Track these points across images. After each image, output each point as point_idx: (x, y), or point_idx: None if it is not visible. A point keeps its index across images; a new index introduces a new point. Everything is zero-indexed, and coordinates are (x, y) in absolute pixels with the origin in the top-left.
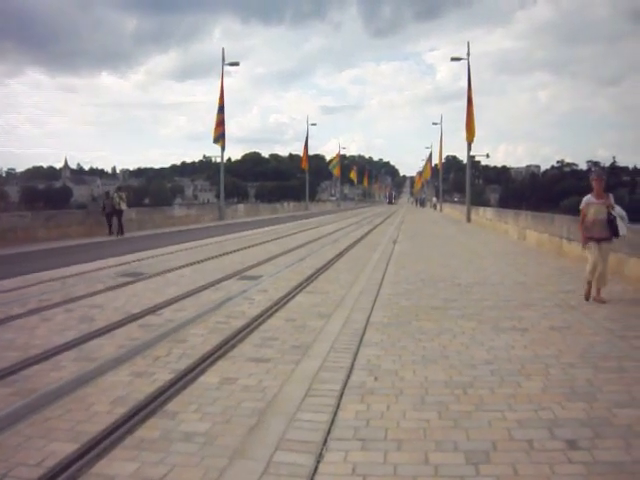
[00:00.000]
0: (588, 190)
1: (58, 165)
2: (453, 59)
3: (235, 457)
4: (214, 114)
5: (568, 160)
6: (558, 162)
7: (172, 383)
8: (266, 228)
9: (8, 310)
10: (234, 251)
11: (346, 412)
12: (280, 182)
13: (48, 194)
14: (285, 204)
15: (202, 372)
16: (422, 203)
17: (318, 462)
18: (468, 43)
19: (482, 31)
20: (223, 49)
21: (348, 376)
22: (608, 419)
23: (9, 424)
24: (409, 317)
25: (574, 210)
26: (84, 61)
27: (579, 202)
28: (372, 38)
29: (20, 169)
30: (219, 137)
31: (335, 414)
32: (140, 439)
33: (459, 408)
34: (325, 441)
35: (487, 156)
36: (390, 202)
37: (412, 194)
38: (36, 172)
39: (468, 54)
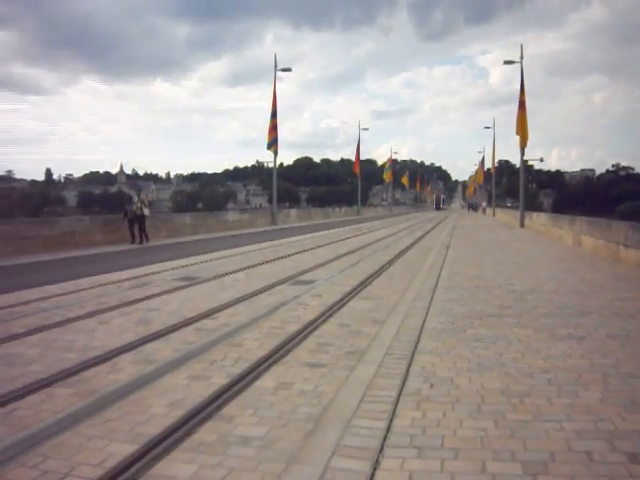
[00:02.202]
0: None
1: (114, 170)
2: (506, 62)
3: (292, 462)
4: (266, 119)
5: (624, 164)
6: (613, 166)
7: (228, 387)
8: (318, 233)
9: (67, 312)
10: (287, 256)
11: (402, 419)
12: (331, 187)
13: (104, 199)
14: (337, 209)
15: (258, 376)
16: (474, 208)
17: (374, 469)
18: (521, 46)
19: (534, 34)
20: (275, 55)
21: (403, 383)
22: None
23: (70, 424)
24: (464, 324)
25: (631, 215)
26: (138, 69)
27: (636, 207)
28: (423, 42)
29: (77, 174)
30: (272, 142)
31: (391, 421)
32: (198, 442)
33: (516, 417)
34: (381, 448)
35: (541, 160)
36: (438, 208)
37: (464, 199)
38: (92, 177)
39: (521, 57)
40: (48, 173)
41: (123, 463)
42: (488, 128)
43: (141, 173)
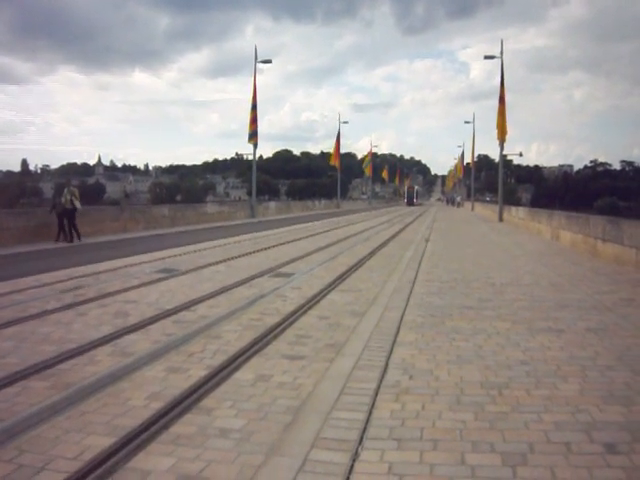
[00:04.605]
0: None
1: (91, 162)
2: (486, 57)
3: (271, 454)
4: (246, 111)
5: (602, 160)
6: (591, 162)
7: (207, 379)
8: (297, 226)
9: (44, 304)
10: (266, 248)
11: (381, 411)
12: (311, 180)
13: (82, 191)
14: (316, 202)
15: (237, 368)
16: (452, 202)
17: (354, 461)
18: (501, 41)
19: (515, 29)
20: (256, 47)
21: (383, 375)
22: None
23: (47, 417)
24: (443, 316)
25: (608, 210)
26: (117, 59)
27: (613, 202)
28: (404, 36)
29: (54, 166)
30: (252, 134)
31: (370, 413)
32: (176, 434)
33: (495, 409)
34: (361, 440)
35: (520, 155)
36: (411, 203)
37: (444, 193)
38: (70, 169)
39: (501, 52)
40: (24, 164)
41: (100, 456)
42: (468, 123)
43: (119, 165)
